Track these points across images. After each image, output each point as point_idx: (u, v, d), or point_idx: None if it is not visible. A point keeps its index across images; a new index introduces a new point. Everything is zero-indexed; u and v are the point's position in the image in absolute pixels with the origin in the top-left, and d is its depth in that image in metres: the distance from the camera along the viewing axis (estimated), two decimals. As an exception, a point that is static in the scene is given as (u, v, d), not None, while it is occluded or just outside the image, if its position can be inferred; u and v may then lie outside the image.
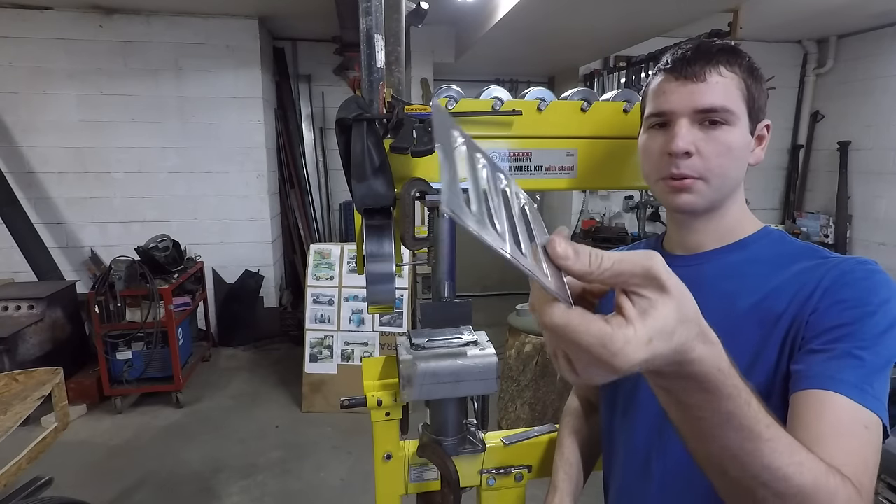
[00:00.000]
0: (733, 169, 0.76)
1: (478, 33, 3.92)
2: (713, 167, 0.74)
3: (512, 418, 3.00)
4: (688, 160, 0.74)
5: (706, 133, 0.74)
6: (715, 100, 0.73)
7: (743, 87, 0.74)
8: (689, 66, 0.74)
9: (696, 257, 0.82)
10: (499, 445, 1.07)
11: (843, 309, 0.66)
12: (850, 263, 0.70)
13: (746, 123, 0.75)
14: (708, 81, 0.73)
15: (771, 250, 0.78)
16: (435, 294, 1.00)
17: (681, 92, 0.74)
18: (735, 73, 0.74)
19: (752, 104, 0.75)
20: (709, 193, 0.76)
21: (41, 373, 1.89)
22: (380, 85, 0.84)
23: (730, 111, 0.73)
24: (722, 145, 0.74)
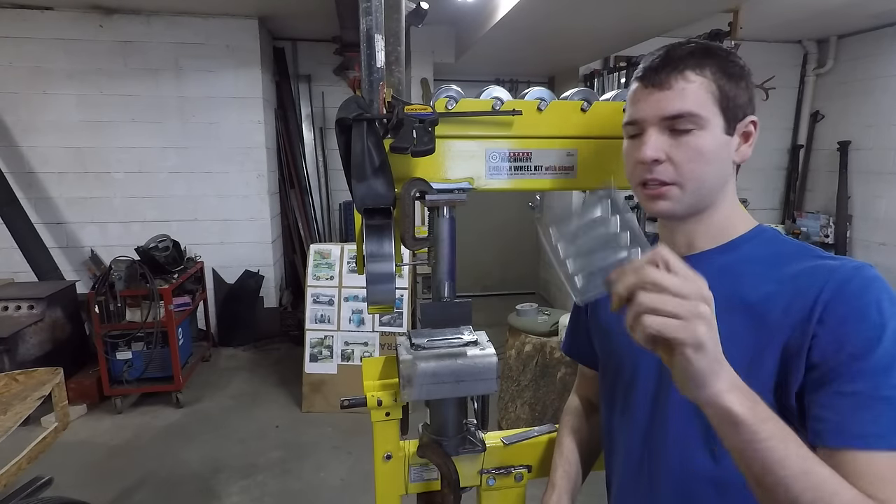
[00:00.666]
0: (709, 173, 0.76)
1: (478, 33, 3.92)
2: (685, 172, 0.75)
3: (512, 418, 3.00)
4: (659, 167, 0.75)
5: (676, 139, 0.74)
6: (681, 106, 0.73)
7: (714, 89, 0.74)
8: (656, 73, 0.75)
9: (689, 258, 0.81)
10: (499, 445, 1.07)
11: (850, 336, 0.66)
12: (847, 271, 0.69)
13: (721, 125, 0.75)
14: (674, 88, 0.73)
15: (764, 250, 0.78)
16: (435, 294, 1.00)
17: (649, 100, 0.75)
18: (704, 77, 0.74)
19: (727, 104, 0.74)
20: (685, 199, 0.76)
21: (41, 373, 1.89)
22: (380, 85, 0.84)
23: (697, 116, 0.73)
24: (692, 150, 0.74)
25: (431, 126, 0.87)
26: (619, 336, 0.89)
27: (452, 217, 0.96)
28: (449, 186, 0.95)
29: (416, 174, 0.94)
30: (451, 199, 0.95)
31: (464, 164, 0.97)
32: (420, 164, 0.94)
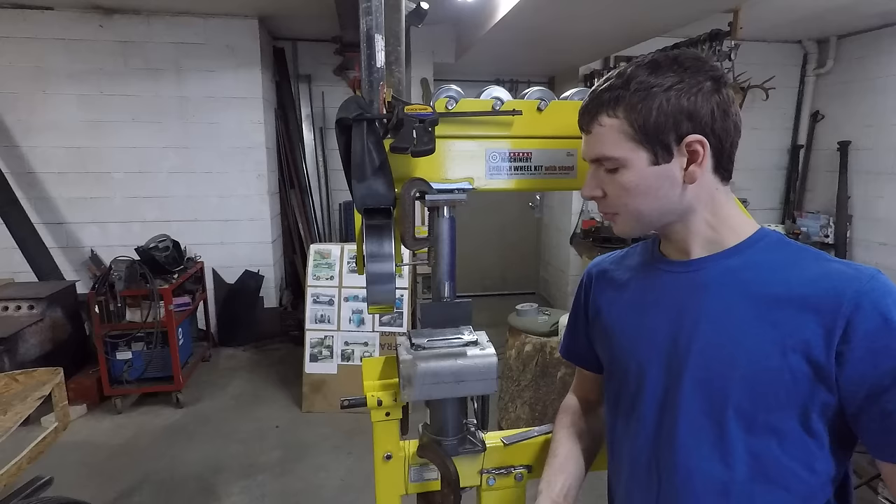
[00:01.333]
0: (643, 203, 0.78)
1: (478, 33, 3.92)
2: (618, 205, 0.80)
3: (512, 418, 3.00)
4: (600, 201, 0.83)
5: (609, 176, 0.79)
6: (598, 151, 0.79)
7: (625, 128, 0.75)
8: (582, 118, 0.81)
9: (692, 263, 0.82)
10: (499, 445, 1.06)
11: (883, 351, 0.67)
12: (864, 282, 0.69)
13: (645, 157, 0.75)
14: (593, 133, 0.79)
15: (769, 255, 0.77)
16: (435, 294, 1.00)
17: (583, 143, 0.82)
18: (617, 117, 0.75)
19: (647, 137, 0.74)
20: (631, 224, 0.81)
21: (41, 373, 1.89)
22: (380, 85, 0.84)
23: (612, 158, 0.77)
24: (618, 187, 0.78)
25: (431, 126, 0.87)
26: (624, 341, 0.89)
27: (452, 217, 0.96)
28: (449, 186, 0.95)
29: (416, 174, 0.94)
30: (451, 199, 0.95)
31: (464, 164, 0.97)
32: (420, 164, 0.94)
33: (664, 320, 0.82)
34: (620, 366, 0.89)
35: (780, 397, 0.71)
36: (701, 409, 0.77)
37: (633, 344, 0.86)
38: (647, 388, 0.83)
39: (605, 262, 0.99)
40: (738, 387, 0.73)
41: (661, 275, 0.86)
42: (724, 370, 0.74)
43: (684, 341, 0.78)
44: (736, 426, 0.74)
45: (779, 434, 0.72)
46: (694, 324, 0.78)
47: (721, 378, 0.74)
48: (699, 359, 0.76)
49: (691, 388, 0.77)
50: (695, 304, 0.79)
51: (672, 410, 0.79)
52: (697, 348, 0.77)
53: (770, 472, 0.74)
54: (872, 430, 0.69)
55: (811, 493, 0.74)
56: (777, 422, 0.72)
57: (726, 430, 0.74)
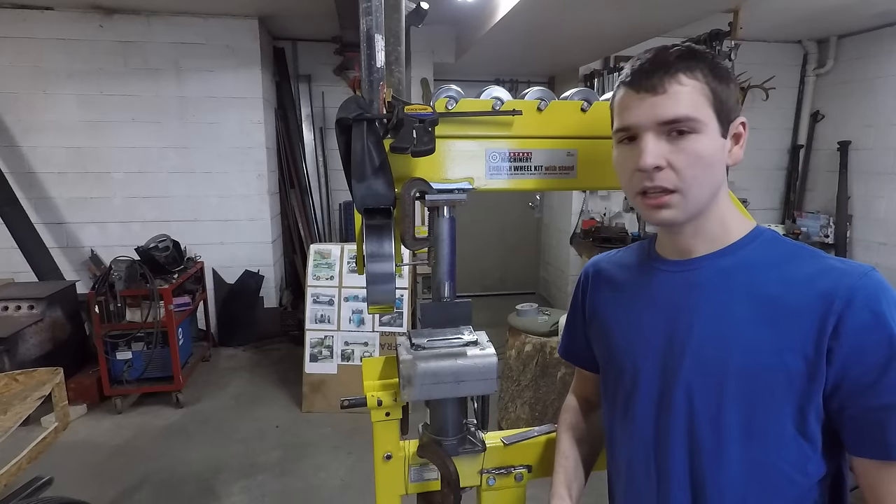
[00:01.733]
0: (708, 177, 0.74)
1: (478, 33, 3.92)
2: (687, 178, 0.73)
3: (512, 418, 3.00)
4: (660, 174, 0.73)
5: (674, 144, 0.72)
6: (677, 110, 0.71)
7: (707, 92, 0.72)
8: (648, 77, 0.72)
9: (690, 262, 0.81)
10: (499, 445, 1.06)
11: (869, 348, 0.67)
12: (856, 279, 0.69)
13: (716, 127, 0.73)
14: (668, 92, 0.71)
15: (764, 252, 0.78)
16: (435, 294, 1.00)
17: (642, 105, 0.73)
18: (697, 79, 0.72)
19: (720, 106, 0.73)
20: (687, 206, 0.75)
21: (41, 373, 1.89)
22: (380, 85, 0.84)
23: (695, 119, 0.71)
24: (692, 156, 0.72)
25: (431, 126, 0.87)
26: (619, 341, 0.89)
27: (452, 217, 0.96)
28: (449, 186, 0.95)
29: (416, 174, 0.94)
30: (451, 199, 0.95)
31: (464, 164, 0.97)
32: (420, 164, 0.94)
33: (659, 320, 0.82)
34: (616, 365, 0.89)
35: (775, 397, 0.71)
36: (695, 409, 0.77)
37: (629, 344, 0.86)
38: (643, 388, 0.83)
39: (602, 262, 0.99)
40: (732, 387, 0.73)
41: (656, 274, 0.86)
42: (719, 370, 0.74)
43: (679, 341, 0.78)
44: (730, 427, 0.74)
45: (773, 435, 0.72)
46: (689, 324, 0.78)
47: (715, 379, 0.74)
48: (694, 359, 0.77)
49: (686, 388, 0.77)
50: (689, 303, 0.79)
51: (667, 411, 0.79)
52: (692, 348, 0.77)
53: (763, 474, 0.74)
54: (852, 425, 0.69)
55: (802, 495, 0.74)
56: (771, 423, 0.72)
57: (719, 431, 0.75)
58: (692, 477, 0.78)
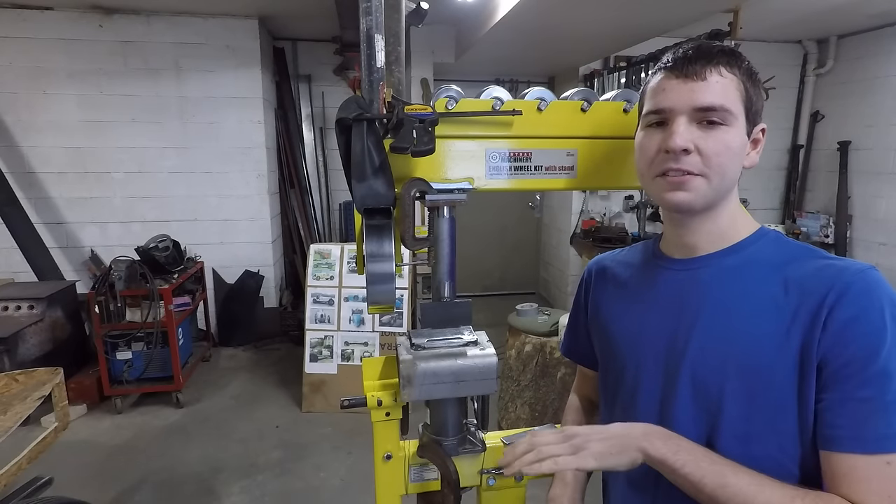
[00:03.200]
0: (731, 168, 0.76)
1: (478, 33, 3.92)
2: (713, 165, 0.74)
3: (512, 418, 3.00)
4: (687, 157, 0.74)
5: (704, 132, 0.74)
6: (714, 99, 0.73)
7: (742, 89, 0.74)
8: (691, 64, 0.74)
9: (694, 261, 0.82)
10: (499, 445, 1.06)
11: (854, 340, 0.67)
12: (851, 274, 0.69)
13: (744, 125, 0.75)
14: (708, 80, 0.73)
15: (769, 252, 0.78)
16: (435, 294, 1.00)
17: (681, 90, 0.74)
18: (735, 75, 0.74)
19: (750, 106, 0.76)
20: (707, 192, 0.76)
21: (41, 373, 1.89)
22: (380, 85, 0.84)
23: (728, 111, 0.73)
24: (721, 144, 0.73)
25: (431, 126, 0.87)
26: (622, 338, 0.89)
27: (452, 217, 0.96)
28: (449, 186, 0.95)
29: (416, 174, 0.94)
30: (451, 199, 0.95)
31: (464, 164, 0.97)
32: (420, 164, 0.94)
33: (663, 318, 0.82)
34: (618, 363, 0.89)
35: (776, 394, 0.71)
36: (697, 407, 0.77)
37: (632, 341, 0.87)
38: (645, 385, 0.83)
39: (606, 260, 1.00)
40: (734, 384, 0.73)
41: (660, 272, 0.86)
42: (721, 368, 0.75)
43: (682, 339, 0.79)
44: (730, 423, 0.74)
45: (774, 432, 0.72)
46: (692, 321, 0.78)
47: (717, 376, 0.75)
48: (696, 356, 0.77)
49: (688, 386, 0.77)
50: (693, 301, 0.79)
51: (669, 408, 0.79)
52: (694, 346, 0.77)
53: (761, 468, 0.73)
54: (829, 416, 0.68)
55: None
56: (773, 419, 0.72)
57: (722, 430, 0.75)
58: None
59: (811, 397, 0.70)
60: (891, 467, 0.65)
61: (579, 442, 0.73)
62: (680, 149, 0.73)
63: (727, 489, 0.68)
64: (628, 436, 0.73)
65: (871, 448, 0.66)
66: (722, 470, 0.69)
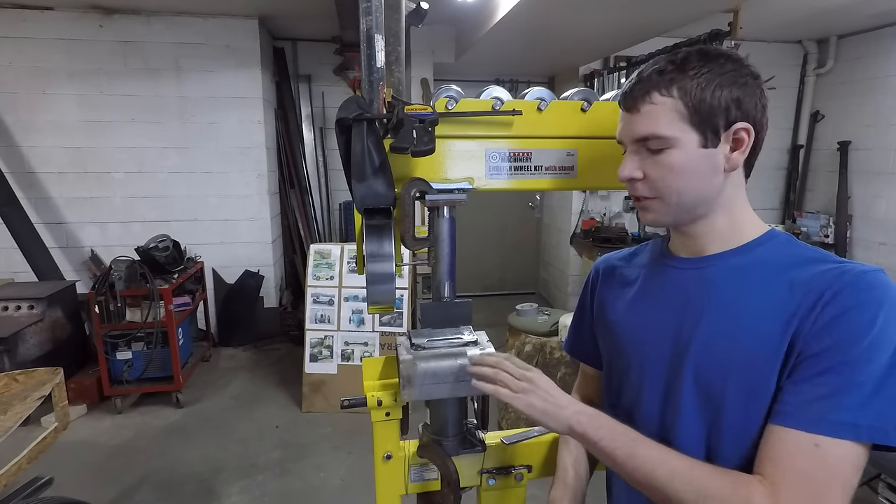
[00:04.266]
0: (687, 185, 0.77)
1: (478, 33, 3.92)
2: (660, 188, 0.78)
3: (512, 418, 3.00)
4: (637, 184, 0.80)
5: (652, 157, 0.78)
6: (643, 129, 0.77)
7: (680, 108, 0.74)
8: (626, 98, 0.79)
9: (701, 260, 0.82)
10: (499, 445, 1.06)
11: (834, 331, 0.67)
12: (852, 275, 0.69)
13: (695, 139, 0.75)
14: (641, 112, 0.77)
15: (776, 254, 0.78)
16: (435, 294, 1.00)
17: (625, 122, 0.80)
18: (671, 96, 0.75)
19: (699, 118, 0.74)
20: (668, 210, 0.79)
21: (41, 373, 1.89)
22: (380, 85, 0.84)
23: (661, 137, 0.76)
24: (663, 167, 0.77)
25: (431, 126, 0.87)
26: (627, 336, 0.89)
27: (452, 217, 0.97)
28: (449, 186, 0.95)
29: (416, 174, 0.94)
30: (451, 199, 0.95)
31: (464, 164, 0.97)
32: (420, 164, 0.94)
33: (669, 316, 0.82)
34: (623, 361, 0.89)
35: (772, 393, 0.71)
36: (699, 406, 0.77)
37: (637, 339, 0.87)
38: (650, 383, 0.83)
39: (613, 259, 1.00)
40: (735, 384, 0.73)
41: (667, 271, 0.86)
42: (723, 367, 0.75)
43: (686, 338, 0.79)
44: (734, 424, 0.74)
45: None
46: (696, 321, 0.79)
47: (720, 375, 0.75)
48: (700, 356, 0.77)
49: (692, 384, 0.77)
50: (699, 301, 0.79)
51: (673, 406, 0.80)
52: (698, 343, 0.77)
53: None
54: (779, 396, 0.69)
55: None
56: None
57: (723, 428, 0.75)
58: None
59: None
60: (818, 450, 0.65)
61: (527, 387, 0.81)
62: (624, 179, 0.81)
63: (636, 459, 0.74)
64: (564, 409, 0.80)
65: (805, 426, 0.66)
66: (634, 443, 0.75)
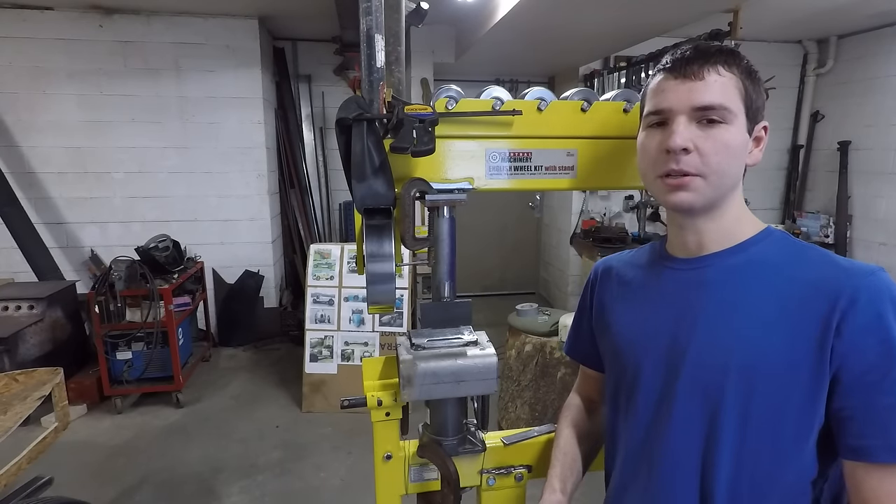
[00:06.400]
0: (731, 167, 0.76)
1: (478, 33, 3.92)
2: (712, 164, 0.74)
3: (512, 418, 3.00)
4: (686, 157, 0.74)
5: (704, 131, 0.74)
6: (713, 98, 0.73)
7: (741, 87, 0.75)
8: (688, 65, 0.75)
9: (698, 261, 0.82)
10: (499, 445, 1.06)
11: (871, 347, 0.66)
12: (862, 278, 0.69)
13: (744, 123, 0.76)
14: (706, 80, 0.74)
15: (774, 252, 0.78)
16: (435, 294, 1.00)
17: (679, 90, 0.75)
18: (733, 73, 0.75)
19: (750, 104, 0.76)
20: (707, 191, 0.76)
21: (41, 373, 1.89)
22: (380, 85, 0.84)
23: (727, 109, 0.73)
24: (720, 143, 0.74)
25: (431, 126, 0.87)
26: (625, 337, 0.89)
27: (452, 217, 0.96)
28: (449, 186, 0.95)
29: (416, 174, 0.94)
30: (451, 199, 0.95)
31: (464, 164, 0.97)
32: (420, 164, 0.94)
33: (666, 317, 0.82)
34: (620, 361, 0.89)
35: (776, 396, 0.71)
36: (696, 406, 0.77)
37: (634, 340, 0.87)
38: (645, 383, 0.83)
39: (613, 261, 1.00)
40: (733, 386, 0.73)
41: (665, 272, 0.86)
42: (720, 368, 0.74)
43: (683, 338, 0.79)
44: (729, 426, 0.74)
45: (770, 434, 0.72)
46: (693, 321, 0.78)
47: (716, 376, 0.75)
48: (696, 356, 0.77)
49: (688, 385, 0.77)
50: (696, 301, 0.79)
51: (667, 407, 0.79)
52: (695, 346, 0.77)
53: (755, 473, 0.73)
54: (851, 426, 0.68)
55: (796, 496, 0.74)
56: (770, 421, 0.72)
57: (718, 430, 0.75)
58: (686, 472, 0.78)
59: (822, 403, 0.70)
60: None
61: None
62: (679, 148, 0.74)
63: None
64: None
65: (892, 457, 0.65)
66: None
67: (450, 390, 0.91)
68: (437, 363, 0.90)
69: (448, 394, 0.92)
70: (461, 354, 0.91)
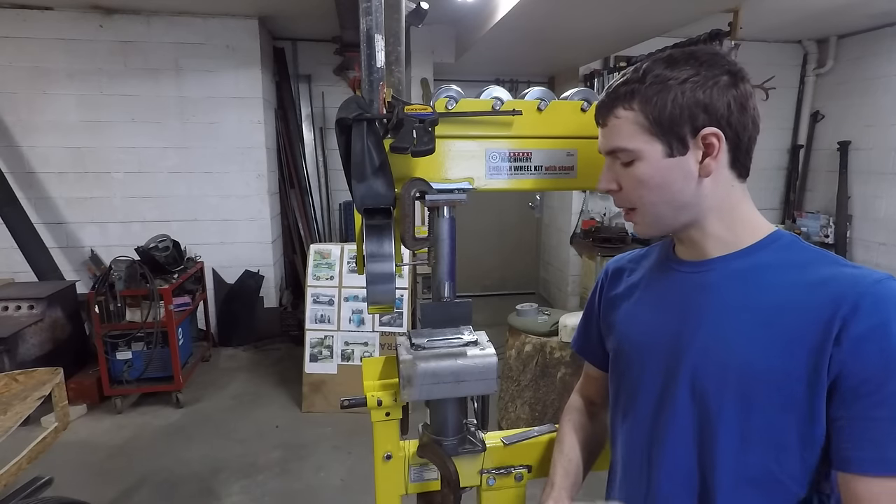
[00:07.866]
0: (658, 196, 0.77)
1: (478, 33, 3.92)
2: (633, 199, 0.80)
3: (512, 418, 3.00)
4: (617, 194, 0.82)
5: (624, 170, 0.79)
6: (613, 143, 0.78)
7: (640, 120, 0.74)
8: (598, 112, 0.81)
9: (703, 264, 0.81)
10: (499, 445, 1.06)
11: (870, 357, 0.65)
12: (866, 286, 0.67)
13: (660, 150, 0.74)
14: (609, 126, 0.79)
15: (780, 256, 0.76)
16: (435, 294, 1.00)
17: (600, 135, 0.82)
18: (632, 109, 0.75)
19: (661, 129, 0.73)
20: (649, 221, 0.80)
21: (41, 373, 1.89)
22: (380, 85, 0.84)
23: (626, 150, 0.77)
24: (633, 179, 0.78)
25: (431, 126, 0.87)
26: (629, 337, 0.89)
27: (452, 217, 0.96)
28: (449, 186, 0.95)
29: (416, 174, 0.94)
30: (451, 199, 0.95)
31: (464, 164, 0.97)
32: (420, 164, 0.94)
33: (669, 320, 0.82)
34: (624, 361, 0.89)
35: (776, 400, 0.70)
36: (695, 408, 0.77)
37: (638, 341, 0.87)
38: (645, 385, 0.84)
39: (623, 261, 1.00)
40: (733, 388, 0.73)
41: (672, 274, 0.86)
42: (719, 372, 0.74)
43: (685, 341, 0.79)
44: (727, 429, 0.74)
45: (770, 439, 0.72)
46: (695, 325, 0.78)
47: (718, 379, 0.74)
48: (696, 360, 0.77)
49: (687, 388, 0.77)
50: (699, 304, 0.79)
51: (666, 410, 0.79)
52: (696, 349, 0.77)
53: (755, 479, 0.73)
54: (848, 437, 0.67)
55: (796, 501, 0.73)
56: (770, 426, 0.72)
57: (717, 432, 0.74)
58: (685, 476, 0.78)
59: (821, 412, 0.69)
60: None
61: None
62: (602, 191, 0.83)
63: None
64: None
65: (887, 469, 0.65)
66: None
67: (450, 390, 0.91)
68: (437, 363, 0.90)
69: (448, 394, 0.92)
70: (461, 354, 0.91)
